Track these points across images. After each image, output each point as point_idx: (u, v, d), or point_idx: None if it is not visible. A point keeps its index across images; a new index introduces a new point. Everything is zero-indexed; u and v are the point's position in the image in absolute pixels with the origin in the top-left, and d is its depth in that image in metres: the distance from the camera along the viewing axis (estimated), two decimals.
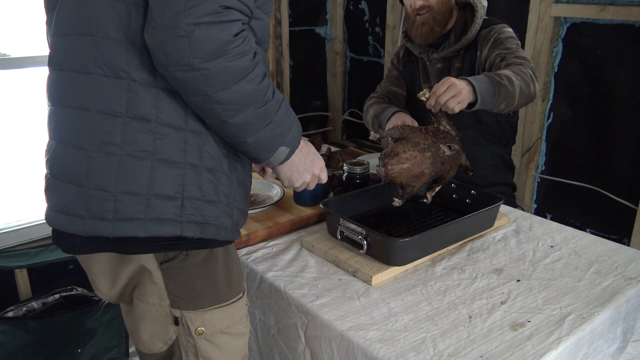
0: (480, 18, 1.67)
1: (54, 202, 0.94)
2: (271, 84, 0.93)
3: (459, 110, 1.33)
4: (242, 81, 0.86)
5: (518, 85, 1.41)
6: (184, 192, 0.91)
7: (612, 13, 2.01)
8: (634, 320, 1.22)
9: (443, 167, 1.34)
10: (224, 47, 0.82)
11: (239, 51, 0.83)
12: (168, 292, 0.98)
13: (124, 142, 0.87)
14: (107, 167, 0.88)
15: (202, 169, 0.93)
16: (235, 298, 1.05)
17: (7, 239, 2.19)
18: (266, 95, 0.90)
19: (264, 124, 0.92)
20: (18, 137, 2.28)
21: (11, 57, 2.22)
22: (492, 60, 1.60)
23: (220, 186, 0.96)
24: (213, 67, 0.82)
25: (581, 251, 1.33)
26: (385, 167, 1.26)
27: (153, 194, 0.89)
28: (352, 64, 3.39)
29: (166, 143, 0.89)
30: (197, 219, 0.93)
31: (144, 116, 0.87)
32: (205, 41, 0.80)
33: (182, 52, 0.80)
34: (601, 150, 2.21)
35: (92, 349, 1.95)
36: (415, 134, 1.30)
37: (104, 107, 0.87)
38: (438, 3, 1.66)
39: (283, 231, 1.43)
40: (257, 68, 0.88)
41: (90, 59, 0.88)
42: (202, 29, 0.79)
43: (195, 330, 1.00)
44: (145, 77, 0.87)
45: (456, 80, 1.31)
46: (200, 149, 0.92)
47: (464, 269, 1.25)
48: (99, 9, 0.87)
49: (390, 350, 0.97)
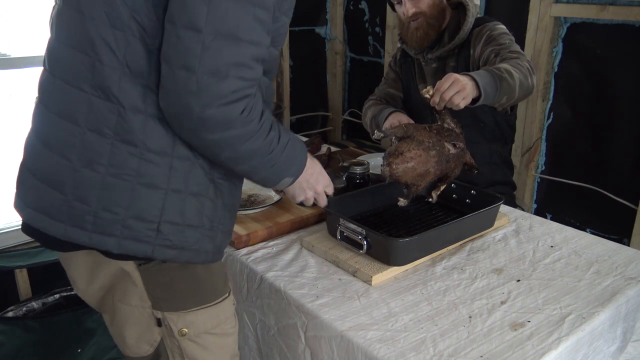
0: (472, 17, 1.67)
1: (31, 200, 0.95)
2: (277, 131, 0.96)
3: (464, 106, 1.32)
4: (247, 142, 0.91)
5: (518, 78, 1.41)
6: (162, 216, 0.92)
7: (612, 13, 2.01)
8: (634, 320, 1.22)
9: (448, 166, 1.32)
10: (232, 123, 0.87)
11: (246, 121, 0.88)
12: (148, 293, 0.98)
13: (109, 163, 0.89)
14: (91, 183, 0.89)
15: (186, 194, 0.93)
16: (220, 299, 1.04)
17: (7, 239, 2.19)
18: (271, 146, 0.95)
19: (268, 167, 0.98)
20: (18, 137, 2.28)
21: (11, 57, 2.22)
22: (486, 57, 1.60)
23: (205, 210, 0.96)
24: (221, 138, 0.88)
25: (581, 251, 1.33)
26: (390, 167, 1.24)
27: (130, 215, 0.90)
28: (352, 64, 3.39)
29: (151, 168, 0.90)
30: (173, 244, 0.94)
31: (131, 141, 0.88)
32: (215, 121, 0.85)
33: (194, 127, 0.86)
34: (601, 150, 2.21)
35: (92, 349, 1.95)
36: (420, 132, 1.28)
37: (94, 126, 0.88)
38: (430, 7, 1.67)
39: (283, 231, 1.43)
40: (263, 127, 0.92)
41: (84, 77, 0.88)
42: (213, 111, 0.84)
43: (178, 332, 0.99)
44: (135, 104, 0.88)
45: (459, 76, 1.30)
46: (187, 175, 0.93)
47: (464, 269, 1.25)
48: (97, 32, 0.87)
49: (390, 350, 0.97)
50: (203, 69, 0.82)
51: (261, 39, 0.87)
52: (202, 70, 0.82)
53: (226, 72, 0.83)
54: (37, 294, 2.16)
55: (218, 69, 0.82)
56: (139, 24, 0.86)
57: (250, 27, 0.85)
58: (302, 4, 3.12)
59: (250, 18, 0.84)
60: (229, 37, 0.83)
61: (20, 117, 2.30)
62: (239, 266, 1.31)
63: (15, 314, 2.04)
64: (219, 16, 0.82)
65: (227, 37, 0.83)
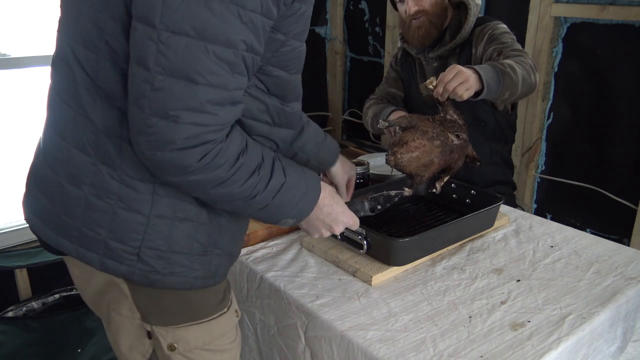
0: (473, 16, 1.67)
1: (33, 205, 0.96)
2: (267, 172, 0.87)
3: (467, 98, 1.32)
4: (217, 188, 0.83)
5: (521, 74, 1.41)
6: (143, 241, 0.87)
7: (612, 13, 2.01)
8: (634, 320, 1.22)
9: (451, 157, 1.31)
10: (188, 168, 0.79)
11: (208, 168, 0.80)
12: (136, 305, 0.94)
13: (91, 184, 0.86)
14: (76, 200, 0.88)
15: (173, 220, 0.88)
16: (216, 314, 0.98)
17: (7, 239, 2.19)
18: (254, 191, 0.86)
19: (256, 209, 0.90)
20: (18, 137, 2.28)
21: (11, 57, 2.22)
22: (489, 56, 1.60)
23: (197, 236, 0.91)
24: (182, 181, 0.82)
25: (581, 251, 1.33)
26: (394, 156, 1.22)
27: (111, 238, 0.88)
28: (352, 64, 3.39)
29: (131, 194, 0.86)
30: (154, 270, 0.89)
31: (110, 164, 0.85)
32: (169, 165, 0.79)
33: (155, 169, 0.82)
34: (601, 150, 2.21)
35: (92, 349, 1.95)
36: (424, 123, 1.27)
37: (78, 144, 0.87)
38: (432, 6, 1.67)
39: (283, 231, 1.43)
40: (237, 174, 0.83)
41: (69, 91, 0.87)
42: (165, 155, 0.78)
43: (167, 346, 0.95)
44: (110, 128, 0.84)
45: (463, 68, 1.30)
46: (172, 200, 0.88)
47: (464, 269, 1.25)
48: (71, 50, 0.86)
49: (390, 350, 0.97)
50: (150, 111, 0.75)
51: (223, 82, 0.78)
52: (150, 112, 0.75)
53: (176, 117, 0.75)
54: (37, 294, 2.16)
55: (166, 112, 0.75)
56: (110, 46, 0.82)
57: (208, 69, 0.76)
58: None
59: (208, 58, 0.75)
60: (181, 79, 0.75)
61: (20, 117, 2.31)
62: (239, 266, 1.31)
63: (15, 314, 2.04)
64: (171, 54, 0.74)
65: (178, 79, 0.75)
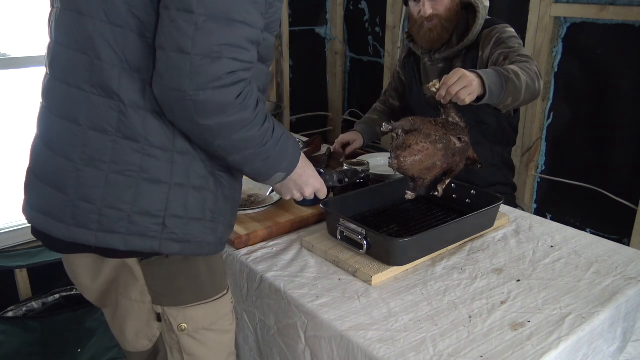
0: (482, 18, 1.67)
1: (37, 203, 0.97)
2: (271, 123, 0.96)
3: (469, 102, 1.32)
4: (241, 131, 0.91)
5: (524, 81, 1.41)
6: (167, 210, 0.93)
7: (612, 13, 2.01)
8: (634, 320, 1.22)
9: (453, 159, 1.31)
10: (226, 107, 0.87)
11: (241, 108, 0.88)
12: (149, 288, 1.00)
13: (112, 160, 0.90)
14: (95, 181, 0.90)
15: (189, 188, 0.95)
16: (219, 295, 1.06)
17: (7, 239, 2.19)
18: (265, 138, 0.95)
19: (261, 159, 0.98)
20: (18, 137, 2.28)
21: (11, 57, 2.22)
22: (495, 60, 1.59)
23: (207, 203, 0.98)
24: (215, 124, 0.88)
25: (581, 251, 1.33)
26: (397, 159, 1.23)
27: (136, 211, 0.91)
28: (352, 64, 3.39)
29: (153, 163, 0.91)
30: (178, 237, 0.95)
31: (133, 137, 0.90)
32: (209, 104, 0.85)
33: (188, 112, 0.86)
34: (601, 150, 2.21)
35: (92, 349, 1.95)
36: (426, 126, 1.27)
37: (95, 125, 0.90)
38: (447, 10, 1.66)
39: (283, 231, 1.43)
40: (258, 117, 0.92)
41: (83, 77, 0.89)
42: (207, 94, 0.84)
43: (177, 327, 1.01)
44: (135, 100, 0.89)
45: (466, 72, 1.30)
46: (188, 168, 0.94)
47: (464, 269, 1.25)
48: (96, 30, 0.88)
49: (390, 350, 0.97)
50: (196, 50, 0.82)
51: (255, 21, 0.87)
52: (196, 52, 0.82)
53: (219, 53, 0.83)
54: (37, 294, 2.16)
55: (212, 49, 0.82)
56: (138, 18, 0.87)
57: (244, 8, 0.85)
58: (302, 4, 3.15)
59: None
60: (222, 18, 0.83)
61: (20, 117, 2.31)
62: (239, 266, 1.31)
63: (15, 314, 2.05)
64: None
65: (220, 19, 0.83)
